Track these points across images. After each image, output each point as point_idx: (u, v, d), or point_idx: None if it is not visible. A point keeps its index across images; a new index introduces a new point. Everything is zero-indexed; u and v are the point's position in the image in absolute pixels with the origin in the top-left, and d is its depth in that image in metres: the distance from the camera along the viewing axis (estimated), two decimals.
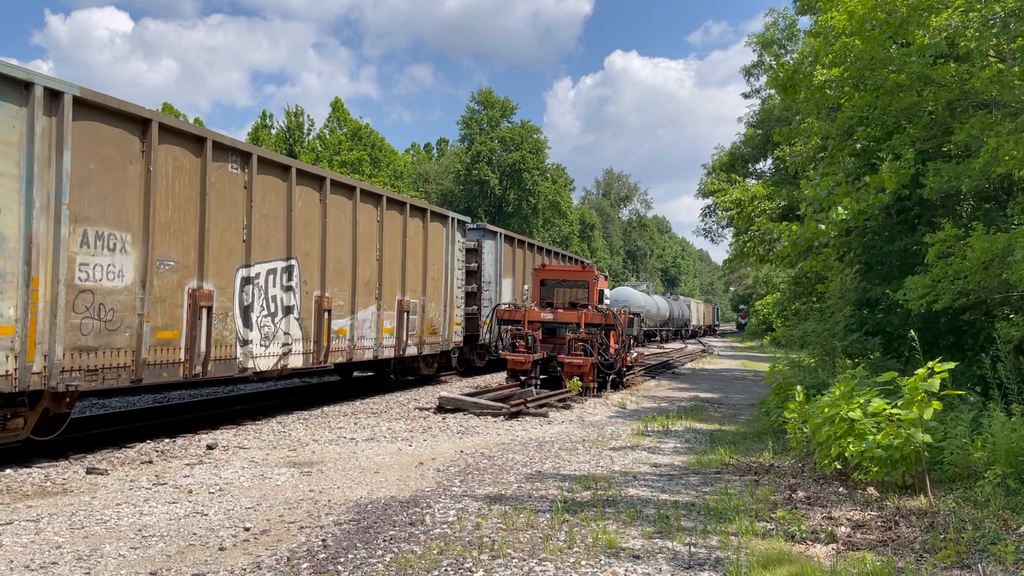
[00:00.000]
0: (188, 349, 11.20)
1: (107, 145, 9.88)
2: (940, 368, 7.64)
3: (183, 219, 11.16)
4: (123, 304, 10.15)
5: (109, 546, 6.21)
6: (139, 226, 10.38)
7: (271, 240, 13.09)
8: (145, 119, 10.37)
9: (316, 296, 14.34)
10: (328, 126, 63.99)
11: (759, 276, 66.49)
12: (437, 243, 19.39)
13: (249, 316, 12.55)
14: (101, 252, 9.83)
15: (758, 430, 13.22)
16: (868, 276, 16.27)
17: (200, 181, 11.43)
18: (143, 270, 10.42)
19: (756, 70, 40.29)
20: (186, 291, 11.22)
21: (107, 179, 9.90)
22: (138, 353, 10.31)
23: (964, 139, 11.28)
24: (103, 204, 9.84)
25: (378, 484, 8.68)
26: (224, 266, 11.97)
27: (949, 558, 5.94)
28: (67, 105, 9.20)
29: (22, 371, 8.78)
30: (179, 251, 11.10)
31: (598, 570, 5.73)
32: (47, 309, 9.06)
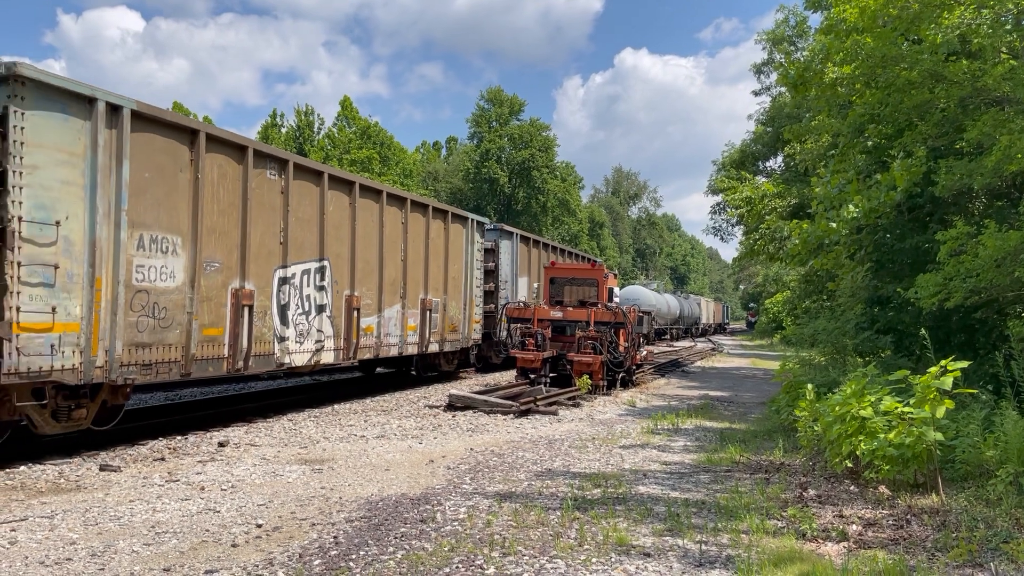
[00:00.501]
0: (231, 345, 11.95)
1: (160, 155, 10.62)
2: (952, 366, 7.61)
3: (227, 223, 11.88)
4: (174, 303, 10.91)
5: (123, 542, 6.26)
6: (188, 230, 11.12)
7: (305, 242, 13.80)
8: (194, 130, 11.14)
9: (346, 295, 15.05)
10: (337, 125, 64.12)
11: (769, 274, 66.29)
12: (457, 244, 20.06)
13: (286, 314, 13.30)
14: (155, 254, 10.60)
15: (768, 428, 13.20)
16: (879, 274, 16.20)
17: (242, 187, 12.13)
18: (192, 271, 11.16)
19: (766, 67, 40.16)
20: (229, 291, 11.96)
21: (160, 186, 10.63)
22: (187, 349, 11.08)
23: (976, 136, 11.21)
24: (157, 210, 10.59)
25: (389, 481, 8.71)
26: (263, 267, 12.72)
27: (961, 557, 5.92)
28: (126, 118, 9.93)
29: (86, 365, 9.49)
30: (223, 253, 11.83)
31: (609, 568, 5.74)
32: (108, 308, 9.79)
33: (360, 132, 62.85)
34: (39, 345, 8.92)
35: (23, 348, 8.72)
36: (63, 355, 9.19)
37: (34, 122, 8.88)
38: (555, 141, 74.73)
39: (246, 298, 12.18)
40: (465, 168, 73.80)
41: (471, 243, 20.83)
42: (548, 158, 73.42)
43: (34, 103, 8.88)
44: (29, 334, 8.80)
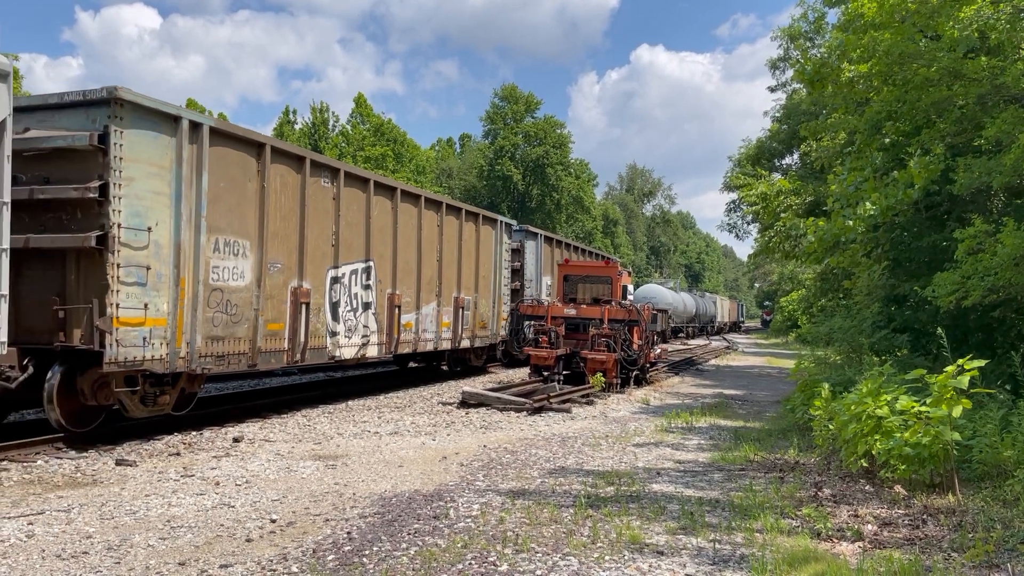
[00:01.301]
0: (290, 339, 13.08)
1: (233, 166, 11.73)
2: (970, 366, 7.54)
3: (287, 228, 13.00)
4: (243, 300, 12.00)
5: (139, 536, 6.30)
6: (255, 234, 12.23)
7: (353, 244, 14.89)
8: (260, 143, 12.26)
9: (388, 293, 16.17)
10: (351, 122, 64.28)
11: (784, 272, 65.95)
12: (487, 245, 21.16)
13: (336, 311, 14.41)
14: (228, 256, 11.70)
15: (783, 427, 13.14)
16: (896, 272, 16.08)
17: (300, 194, 13.24)
18: (258, 271, 12.28)
19: (782, 64, 39.89)
20: (289, 289, 13.07)
21: (232, 195, 11.72)
22: (254, 342, 12.20)
23: (995, 134, 11.10)
24: (229, 216, 11.67)
25: (402, 478, 8.73)
26: (317, 267, 13.82)
27: (978, 557, 5.87)
28: (205, 134, 11.06)
29: (171, 356, 10.62)
30: (284, 255, 12.95)
31: (622, 565, 5.73)
32: (190, 304, 10.88)
33: (374, 129, 62.99)
34: (134, 338, 10.02)
35: (121, 340, 9.83)
36: (153, 347, 10.31)
37: (130, 139, 9.92)
38: (569, 138, 74.64)
39: (304, 296, 13.31)
40: (479, 165, 73.79)
41: (499, 244, 21.86)
42: (562, 155, 73.30)
43: (130, 122, 9.93)
44: (126, 328, 9.91)
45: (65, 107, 10.01)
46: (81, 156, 9.79)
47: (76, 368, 10.13)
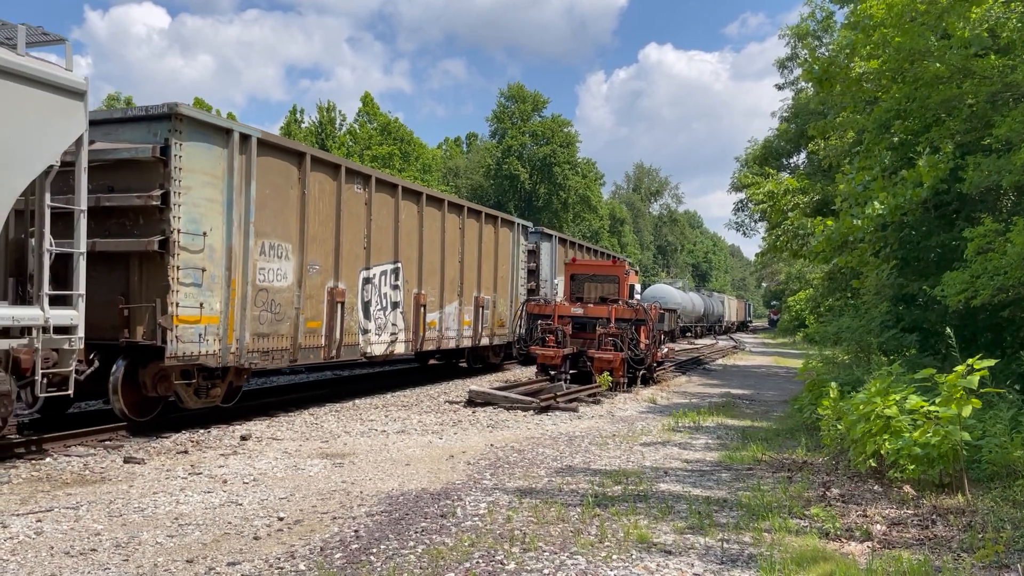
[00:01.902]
0: (327, 336, 13.87)
1: (277, 175, 12.55)
2: (979, 365, 7.50)
3: (324, 231, 13.77)
4: (286, 300, 12.82)
5: (147, 534, 6.32)
6: (297, 238, 13.04)
7: (383, 246, 15.69)
8: (301, 152, 13.16)
9: (414, 293, 17.01)
10: (359, 121, 64.32)
11: (792, 272, 65.76)
12: (506, 246, 22.03)
13: (368, 309, 15.23)
14: (272, 259, 12.52)
15: (791, 427, 13.10)
16: (905, 272, 16.02)
17: (336, 200, 14.00)
18: (299, 273, 13.08)
19: (790, 63, 39.75)
20: (326, 289, 13.87)
21: (277, 202, 12.55)
22: (295, 339, 13.03)
23: (1005, 133, 11.03)
24: (274, 221, 12.50)
25: (409, 476, 8.73)
26: (351, 268, 14.61)
27: (988, 557, 5.84)
28: (253, 145, 11.87)
29: (223, 351, 11.43)
30: (321, 257, 13.73)
31: (630, 565, 5.72)
32: (240, 304, 11.71)
33: (381, 128, 63.02)
34: (191, 334, 10.85)
35: (180, 337, 10.67)
36: (207, 343, 11.11)
37: (188, 151, 10.72)
38: (576, 137, 74.52)
39: (339, 295, 14.12)
40: (486, 164, 73.76)
41: (517, 245, 22.75)
42: (570, 154, 73.21)
43: (188, 136, 10.74)
44: (184, 325, 10.74)
45: (128, 121, 10.90)
46: (143, 167, 10.58)
47: (138, 362, 10.91)
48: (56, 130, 8.78)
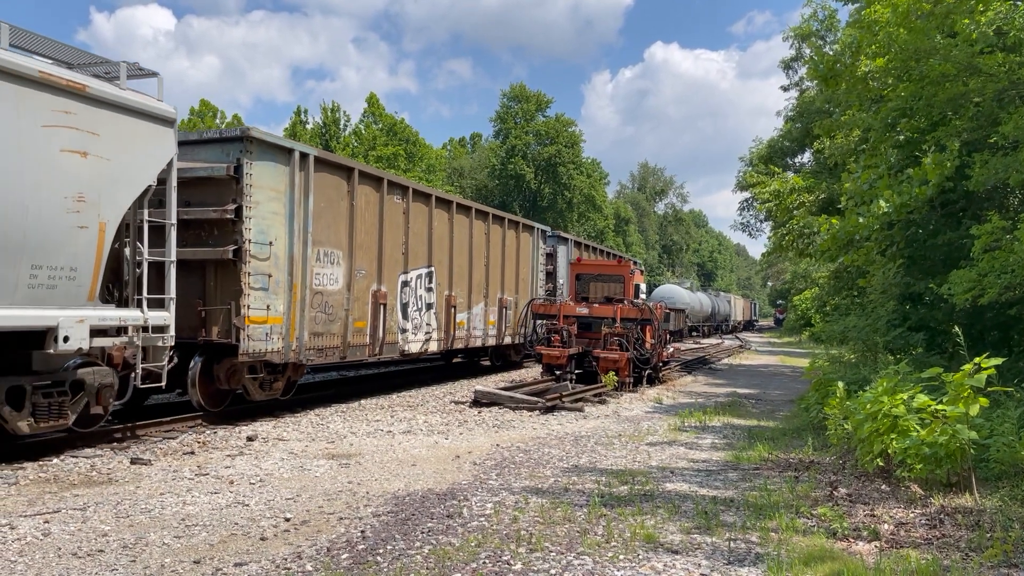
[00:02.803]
0: (371, 335, 15.08)
1: (330, 188, 13.74)
2: (987, 364, 7.47)
3: (369, 239, 15.00)
4: (337, 302, 13.99)
5: (154, 535, 6.33)
6: (346, 245, 14.22)
7: (418, 252, 16.91)
8: (350, 168, 14.36)
9: (446, 295, 18.24)
10: (364, 122, 64.35)
11: (797, 270, 65.60)
12: (526, 250, 23.26)
13: (406, 311, 16.50)
14: (326, 265, 13.69)
15: (797, 426, 13.07)
16: (911, 270, 15.97)
17: (379, 210, 15.23)
18: (348, 277, 14.28)
19: (795, 63, 39.66)
20: (371, 292, 15.09)
21: (330, 213, 13.72)
22: (345, 338, 14.21)
23: (1012, 131, 10.99)
24: (327, 231, 13.66)
25: (415, 477, 8.73)
26: (391, 273, 15.83)
27: (996, 557, 5.82)
28: (311, 163, 13.07)
29: (286, 348, 12.65)
30: (367, 263, 14.94)
31: (636, 564, 5.71)
32: (299, 305, 12.88)
33: (386, 129, 63.03)
34: (260, 334, 12.06)
35: (251, 335, 11.85)
36: (272, 341, 12.33)
37: (257, 169, 11.92)
38: (581, 137, 74.45)
39: (382, 298, 15.35)
40: (491, 164, 73.75)
41: (536, 249, 23.98)
42: (574, 154, 73.14)
43: (257, 155, 11.93)
44: (254, 325, 11.93)
45: (203, 143, 12.14)
46: (218, 184, 11.80)
47: (212, 358, 12.14)
48: (153, 154, 9.91)
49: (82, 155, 8.91)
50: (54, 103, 8.61)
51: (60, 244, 8.71)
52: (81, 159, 8.89)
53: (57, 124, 8.66)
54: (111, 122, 9.24)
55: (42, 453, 9.51)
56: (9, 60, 8.17)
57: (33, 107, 8.40)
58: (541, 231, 24.56)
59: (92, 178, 9.02)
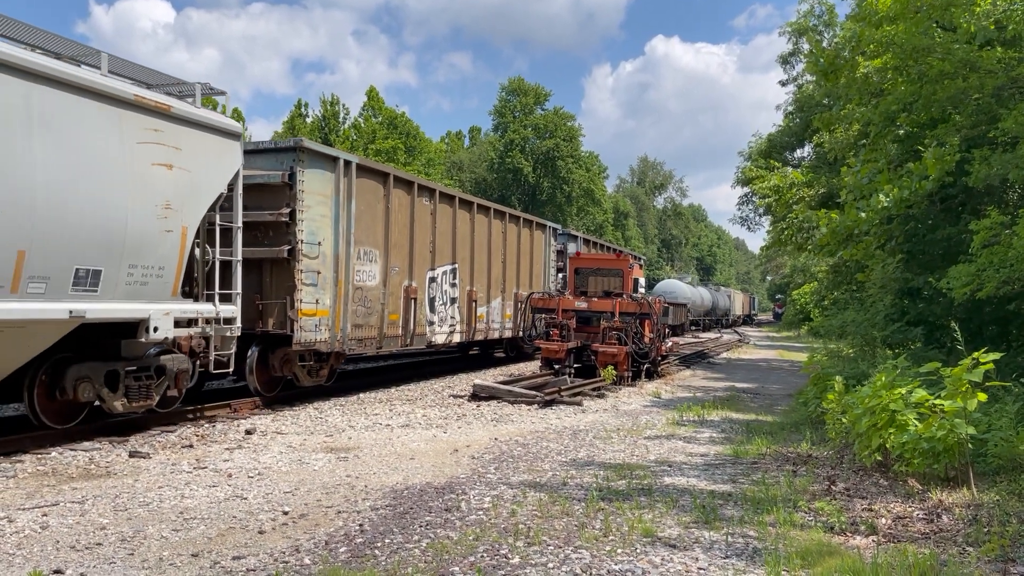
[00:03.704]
0: (403, 327, 16.36)
1: (369, 193, 14.98)
2: (985, 359, 7.47)
3: (402, 239, 16.24)
4: (374, 297, 15.21)
5: (152, 528, 6.33)
6: (382, 244, 15.45)
7: (444, 250, 18.14)
8: (386, 173, 15.73)
9: (468, 290, 19.43)
10: (363, 115, 64.20)
11: (796, 265, 65.61)
12: (539, 247, 24.49)
13: (433, 304, 17.74)
14: (365, 263, 14.89)
15: (795, 421, 13.08)
16: (910, 265, 15.96)
17: (410, 212, 16.50)
18: (384, 274, 15.53)
19: (792, 58, 39.58)
20: (403, 287, 16.33)
21: (368, 215, 14.96)
22: (381, 329, 15.45)
23: (1011, 126, 10.97)
24: (366, 231, 14.88)
25: (413, 470, 8.74)
26: (420, 269, 17.06)
27: (993, 551, 5.83)
28: (353, 170, 14.28)
29: (332, 339, 13.86)
30: (400, 260, 16.19)
31: (634, 558, 5.72)
32: (343, 300, 14.09)
33: (386, 122, 62.90)
34: (311, 325, 13.27)
35: (303, 327, 13.05)
36: (320, 332, 13.51)
37: (308, 176, 13.11)
38: (580, 131, 74.33)
39: (413, 292, 16.60)
40: (490, 158, 73.63)
41: (548, 246, 25.15)
42: (573, 148, 73.02)
43: (308, 164, 13.12)
44: (306, 317, 13.13)
45: (259, 152, 13.27)
46: (273, 189, 12.94)
47: (268, 348, 13.41)
48: (224, 164, 11.13)
49: (168, 168, 10.11)
50: (146, 122, 9.77)
51: (151, 246, 9.90)
52: (167, 171, 10.09)
53: (148, 141, 9.82)
54: (190, 137, 10.43)
55: (40, 445, 9.52)
56: (112, 86, 9.35)
57: (130, 127, 9.55)
58: (552, 229, 25.76)
59: (176, 188, 10.20)
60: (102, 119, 9.17)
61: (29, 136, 8.32)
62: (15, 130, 8.19)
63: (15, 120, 8.19)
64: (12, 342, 8.58)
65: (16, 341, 8.63)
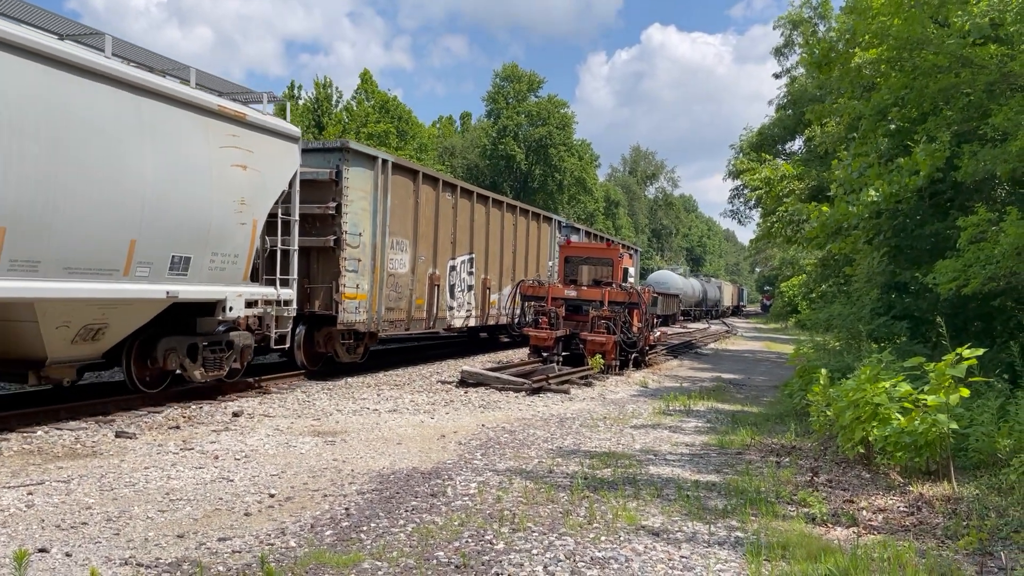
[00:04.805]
0: (428, 311, 18.00)
1: (401, 188, 16.53)
2: (969, 354, 7.54)
3: (428, 230, 17.81)
4: (403, 283, 16.85)
5: (138, 508, 6.34)
6: (411, 235, 17.03)
7: (463, 241, 19.78)
8: (416, 171, 17.38)
9: (482, 278, 21.12)
10: (356, 98, 63.84)
11: (785, 257, 65.86)
12: (545, 238, 26.26)
13: (453, 291, 19.39)
14: (397, 252, 16.51)
15: (781, 412, 13.18)
16: (897, 259, 16.04)
17: (435, 206, 18.11)
18: (412, 262, 17.15)
19: (786, 50, 39.58)
20: (428, 274, 17.95)
21: (400, 208, 16.51)
22: (409, 313, 17.11)
23: (1001, 122, 11.02)
24: (398, 223, 16.44)
25: (400, 455, 8.77)
26: (442, 258, 18.66)
27: (972, 545, 5.91)
28: (389, 168, 15.86)
29: (368, 320, 15.47)
30: (425, 250, 17.78)
31: (618, 546, 5.77)
32: (378, 285, 15.64)
33: (378, 106, 62.59)
34: (352, 308, 14.81)
35: (345, 308, 14.58)
36: (359, 313, 15.07)
37: (351, 174, 14.60)
38: (573, 119, 74.17)
39: (436, 280, 18.26)
40: (482, 144, 73.41)
41: (553, 238, 26.71)
42: (566, 136, 72.87)
43: (352, 163, 14.62)
44: (348, 300, 14.66)
45: (308, 151, 14.19)
46: (321, 185, 14.27)
47: (313, 327, 15.07)
48: (286, 164, 12.61)
49: (243, 168, 11.50)
50: (226, 129, 11.17)
51: (229, 236, 11.31)
52: (243, 171, 11.49)
53: (228, 145, 11.22)
54: (260, 141, 11.87)
55: (26, 424, 9.50)
56: (201, 97, 10.77)
57: (214, 133, 10.95)
58: (558, 222, 27.62)
59: (249, 186, 11.63)
60: (193, 126, 10.58)
61: (140, 142, 9.68)
62: (130, 137, 9.55)
63: (130, 129, 9.56)
64: (122, 317, 10.14)
65: (125, 316, 10.20)
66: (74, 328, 9.55)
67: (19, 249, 8.28)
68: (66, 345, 9.64)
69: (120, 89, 9.37)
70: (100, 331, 9.97)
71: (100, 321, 9.84)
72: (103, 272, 9.38)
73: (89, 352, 10.21)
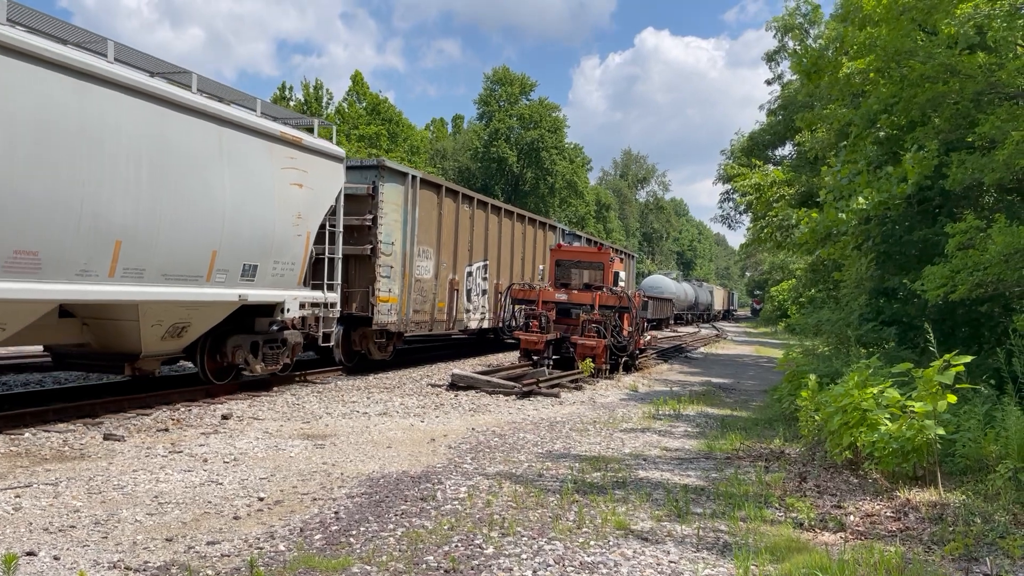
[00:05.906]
0: (448, 314, 19.71)
1: (427, 201, 18.27)
2: (956, 361, 7.59)
3: (448, 239, 19.49)
4: (427, 287, 18.49)
5: (126, 511, 6.32)
6: (435, 244, 18.77)
7: (478, 249, 21.44)
8: (439, 184, 19.16)
9: (494, 283, 22.66)
10: (347, 100, 63.74)
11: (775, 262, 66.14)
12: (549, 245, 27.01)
13: (470, 295, 21.00)
14: (422, 259, 18.11)
15: (769, 417, 13.23)
16: (885, 266, 16.13)
17: (455, 217, 19.80)
18: (435, 269, 18.82)
19: (778, 56, 39.76)
20: (448, 280, 19.66)
21: (426, 219, 18.20)
22: (432, 315, 18.80)
23: (989, 131, 11.11)
24: (424, 233, 18.12)
25: (390, 459, 8.77)
26: (460, 265, 20.31)
27: (958, 550, 5.95)
28: (417, 183, 17.57)
29: (398, 321, 17.17)
30: (447, 257, 19.44)
31: (607, 550, 5.78)
32: (407, 289, 17.33)
33: (370, 108, 62.51)
34: (385, 310, 16.49)
35: (379, 311, 16.25)
36: (391, 315, 16.74)
37: (386, 189, 16.31)
38: (564, 122, 74.26)
39: (455, 285, 19.97)
40: (474, 147, 73.41)
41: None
42: (557, 139, 72.95)
43: (386, 179, 16.35)
44: (382, 303, 16.35)
45: (348, 168, 15.24)
46: (359, 199, 15.92)
47: (350, 327, 16.62)
48: (334, 182, 14.13)
49: (300, 187, 12.96)
50: (286, 152, 12.64)
51: (288, 247, 12.80)
52: (299, 190, 12.96)
53: (287, 167, 12.68)
54: (313, 163, 13.30)
55: (13, 426, 9.45)
56: (267, 125, 12.30)
57: (276, 156, 12.43)
58: (561, 230, 29.28)
59: (304, 202, 13.08)
60: (260, 151, 12.06)
61: (221, 167, 11.21)
62: (214, 163, 11.08)
63: (214, 156, 11.08)
64: (202, 316, 11.64)
65: (205, 316, 11.70)
66: (164, 326, 11.09)
67: (130, 259, 9.75)
68: (157, 341, 11.17)
69: (207, 121, 10.91)
70: (184, 329, 11.46)
71: (185, 320, 11.34)
72: (191, 278, 10.88)
73: (174, 347, 11.71)
